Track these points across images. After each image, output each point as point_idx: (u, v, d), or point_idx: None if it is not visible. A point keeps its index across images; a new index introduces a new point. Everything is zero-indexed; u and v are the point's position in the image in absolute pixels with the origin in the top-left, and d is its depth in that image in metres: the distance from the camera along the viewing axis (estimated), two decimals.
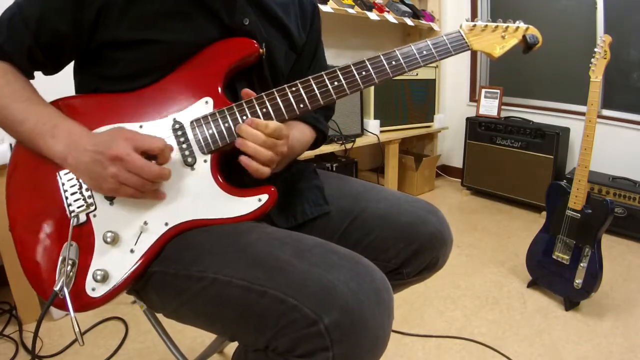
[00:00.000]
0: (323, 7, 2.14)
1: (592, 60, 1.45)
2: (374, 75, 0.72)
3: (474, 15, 2.93)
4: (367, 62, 0.72)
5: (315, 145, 0.94)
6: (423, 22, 2.84)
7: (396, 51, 0.73)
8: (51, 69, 0.74)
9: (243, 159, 0.67)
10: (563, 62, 2.54)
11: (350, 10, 2.31)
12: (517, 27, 0.79)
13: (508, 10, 2.84)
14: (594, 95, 1.45)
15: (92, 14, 0.65)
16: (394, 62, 0.72)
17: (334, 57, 2.69)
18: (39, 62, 0.71)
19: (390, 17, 2.56)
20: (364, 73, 0.71)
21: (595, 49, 1.45)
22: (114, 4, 0.65)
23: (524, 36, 0.79)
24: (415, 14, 2.75)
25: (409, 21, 2.68)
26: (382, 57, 0.72)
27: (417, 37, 3.10)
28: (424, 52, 0.74)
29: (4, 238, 1.35)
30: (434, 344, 1.39)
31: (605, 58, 1.43)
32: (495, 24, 0.79)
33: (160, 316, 0.79)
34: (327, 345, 0.53)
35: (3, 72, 0.68)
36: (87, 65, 0.73)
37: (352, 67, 0.71)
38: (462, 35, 0.76)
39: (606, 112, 2.44)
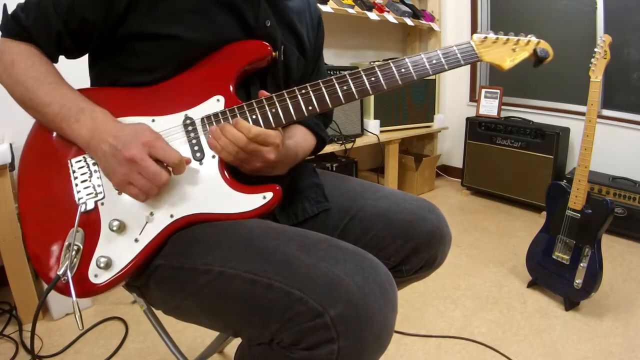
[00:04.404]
0: (323, 7, 2.14)
1: (592, 60, 1.45)
2: (382, 82, 0.72)
3: (474, 16, 2.93)
4: (377, 69, 0.72)
5: (315, 151, 0.95)
6: (423, 22, 2.84)
7: (406, 59, 0.73)
8: (76, 54, 0.75)
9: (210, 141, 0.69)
10: (563, 62, 2.54)
11: (350, 10, 2.31)
12: (529, 41, 0.79)
13: (508, 10, 2.83)
14: (594, 95, 1.45)
15: (122, 5, 0.66)
16: (403, 70, 0.72)
17: (334, 57, 2.69)
18: (65, 47, 0.72)
19: (390, 17, 2.56)
20: (373, 79, 0.71)
21: (595, 49, 1.45)
22: None
23: (534, 50, 0.79)
24: (415, 14, 2.75)
25: (409, 21, 2.68)
26: (392, 64, 0.72)
27: (417, 37, 3.10)
28: (434, 62, 0.73)
29: (4, 238, 1.35)
30: (434, 344, 1.39)
31: (605, 58, 1.43)
32: (506, 37, 0.78)
33: (160, 316, 0.79)
34: (333, 337, 0.54)
35: (29, 54, 0.69)
36: (107, 56, 0.74)
37: (362, 73, 0.71)
38: (472, 47, 0.76)
39: (606, 112, 2.44)
